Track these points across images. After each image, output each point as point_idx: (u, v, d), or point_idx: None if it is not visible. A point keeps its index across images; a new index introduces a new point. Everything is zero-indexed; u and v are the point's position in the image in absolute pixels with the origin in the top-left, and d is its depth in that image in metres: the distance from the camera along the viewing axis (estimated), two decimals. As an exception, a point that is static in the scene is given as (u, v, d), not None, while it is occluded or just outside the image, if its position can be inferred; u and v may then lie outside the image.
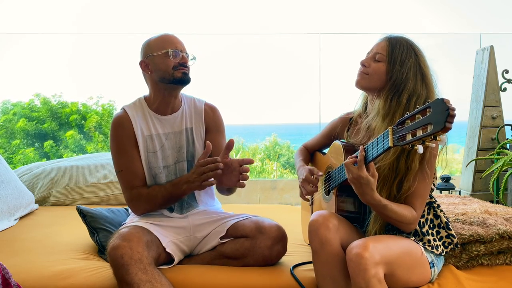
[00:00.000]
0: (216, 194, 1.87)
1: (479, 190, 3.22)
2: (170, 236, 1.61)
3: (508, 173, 2.81)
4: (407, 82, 1.40)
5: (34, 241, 1.92)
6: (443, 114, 1.00)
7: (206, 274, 1.53)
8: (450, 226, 1.49)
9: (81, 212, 1.85)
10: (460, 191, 3.33)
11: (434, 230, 1.48)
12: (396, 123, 1.16)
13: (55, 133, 6.79)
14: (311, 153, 1.85)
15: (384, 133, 1.20)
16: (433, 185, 1.48)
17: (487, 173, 2.91)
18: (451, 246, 1.48)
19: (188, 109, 1.72)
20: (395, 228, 1.44)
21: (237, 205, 2.84)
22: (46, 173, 2.75)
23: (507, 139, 3.10)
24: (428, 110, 1.05)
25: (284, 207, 2.69)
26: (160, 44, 1.62)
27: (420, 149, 1.08)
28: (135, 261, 1.39)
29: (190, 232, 1.67)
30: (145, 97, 1.71)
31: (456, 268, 1.55)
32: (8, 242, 1.91)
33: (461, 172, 3.54)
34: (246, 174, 1.50)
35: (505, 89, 3.22)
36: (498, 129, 3.16)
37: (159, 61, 1.61)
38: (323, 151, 1.80)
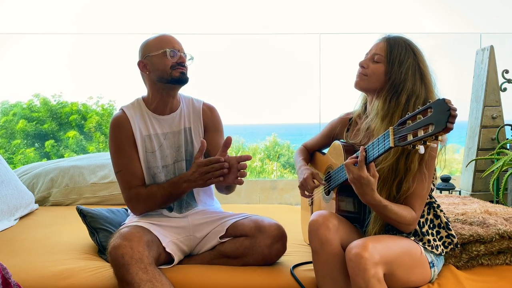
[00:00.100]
0: (215, 193, 1.87)
1: (479, 190, 3.22)
2: (170, 236, 1.61)
3: (508, 173, 2.81)
4: (406, 82, 1.40)
5: (34, 241, 1.92)
6: (444, 115, 1.00)
7: (206, 274, 1.53)
8: (450, 226, 1.49)
9: (81, 212, 1.85)
10: (460, 191, 3.33)
11: (434, 230, 1.48)
12: (397, 124, 1.15)
13: (55, 133, 6.78)
14: (311, 153, 1.85)
15: (385, 134, 1.20)
16: (433, 185, 1.48)
17: (487, 173, 2.91)
18: (451, 246, 1.48)
19: (186, 109, 1.73)
20: (395, 228, 1.44)
21: (237, 205, 2.84)
22: (46, 173, 2.75)
23: (507, 139, 3.10)
24: (429, 111, 1.05)
25: (284, 207, 2.69)
26: (158, 44, 1.63)
27: (422, 150, 1.08)
28: (135, 260, 1.39)
29: (190, 232, 1.67)
30: (143, 97, 1.72)
31: (456, 268, 1.55)
32: (8, 242, 1.91)
33: (461, 172, 3.54)
34: (244, 171, 1.50)
35: (505, 89, 3.22)
36: (498, 129, 3.16)
37: (157, 61, 1.61)
38: (323, 151, 1.80)
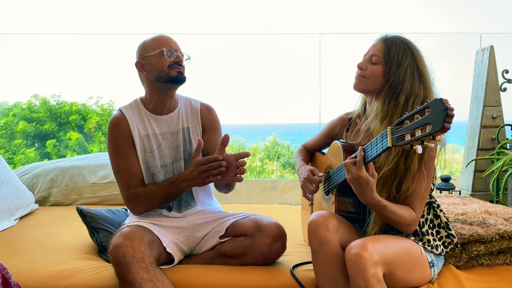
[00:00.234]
0: (215, 193, 1.87)
1: (479, 190, 3.22)
2: (170, 236, 1.61)
3: (508, 173, 2.81)
4: (404, 83, 1.40)
5: (34, 241, 1.92)
6: (441, 114, 1.00)
7: (206, 274, 1.53)
8: (450, 226, 1.49)
9: (81, 213, 1.85)
10: (460, 191, 3.33)
11: (434, 230, 1.48)
12: (395, 123, 1.15)
13: (55, 133, 6.78)
14: (310, 153, 1.85)
15: (383, 134, 1.20)
16: (433, 185, 1.48)
17: (487, 173, 2.91)
18: (451, 246, 1.47)
19: (184, 109, 1.74)
20: (395, 229, 1.44)
21: (237, 205, 2.84)
22: (46, 173, 2.75)
23: (507, 139, 3.10)
24: (427, 110, 1.05)
25: (284, 207, 2.69)
26: (155, 44, 1.65)
27: (419, 149, 1.08)
28: (137, 260, 1.39)
29: (190, 232, 1.68)
30: (141, 98, 1.73)
31: (456, 268, 1.55)
32: (8, 242, 1.91)
33: (461, 172, 3.54)
34: (243, 168, 1.51)
35: (505, 89, 3.22)
36: (498, 129, 3.15)
37: (154, 61, 1.63)
38: (323, 151, 1.80)
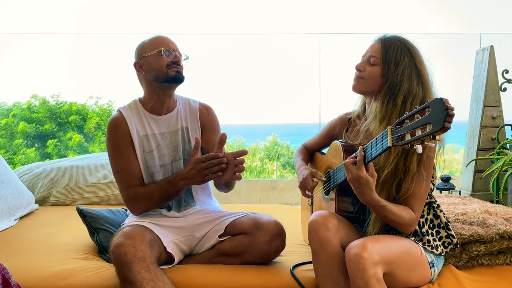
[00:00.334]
0: (214, 193, 1.87)
1: (479, 190, 3.22)
2: (170, 236, 1.62)
3: (508, 173, 2.81)
4: (402, 83, 1.40)
5: (34, 241, 1.92)
6: (442, 114, 1.00)
7: (206, 274, 1.53)
8: (450, 226, 1.49)
9: (81, 213, 1.85)
10: (460, 191, 3.33)
11: (434, 230, 1.47)
12: (395, 123, 1.15)
13: (55, 133, 6.78)
14: (310, 153, 1.85)
15: (383, 133, 1.20)
16: (433, 185, 1.48)
17: (487, 173, 2.91)
18: (451, 246, 1.47)
19: (183, 109, 1.74)
20: (394, 229, 1.44)
21: (237, 205, 2.84)
22: (46, 173, 2.75)
23: (507, 139, 3.10)
24: (427, 110, 1.05)
25: (284, 207, 2.69)
26: (153, 44, 1.66)
27: (419, 149, 1.08)
28: (138, 259, 1.39)
29: (189, 231, 1.68)
30: (140, 99, 1.74)
31: (456, 268, 1.55)
32: (8, 242, 1.91)
33: (461, 172, 3.54)
34: (242, 166, 1.51)
35: (505, 89, 3.22)
36: (498, 129, 3.15)
37: (153, 61, 1.64)
38: (322, 151, 1.80)
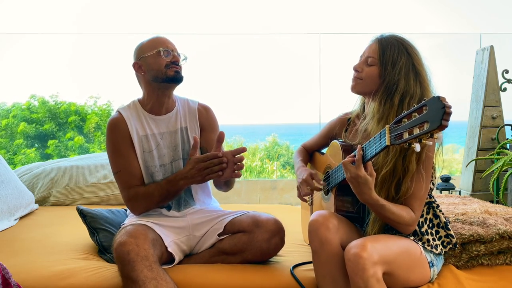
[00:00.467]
0: (214, 193, 1.87)
1: (479, 190, 3.22)
2: (171, 236, 1.62)
3: (508, 173, 2.81)
4: (399, 82, 1.40)
5: (34, 241, 1.92)
6: (439, 112, 1.00)
7: (206, 274, 1.53)
8: (449, 226, 1.49)
9: (81, 213, 1.85)
10: (460, 191, 3.33)
11: (433, 229, 1.47)
12: (393, 122, 1.16)
13: (55, 133, 6.78)
14: (310, 153, 1.85)
15: (381, 132, 1.20)
16: (432, 185, 1.48)
17: (487, 173, 2.91)
18: (450, 246, 1.47)
19: (182, 109, 1.75)
20: (394, 229, 1.43)
21: (237, 205, 2.84)
22: (46, 173, 2.75)
23: (507, 139, 3.10)
24: (424, 108, 1.05)
25: (284, 207, 2.69)
26: (152, 44, 1.67)
27: (417, 147, 1.08)
28: (141, 258, 1.40)
29: (190, 231, 1.68)
30: (139, 99, 1.75)
31: (456, 268, 1.55)
32: (8, 242, 1.91)
33: (461, 172, 3.54)
34: (241, 164, 1.52)
35: (505, 89, 3.22)
36: (498, 129, 3.15)
37: (152, 61, 1.64)
38: (322, 151, 1.80)
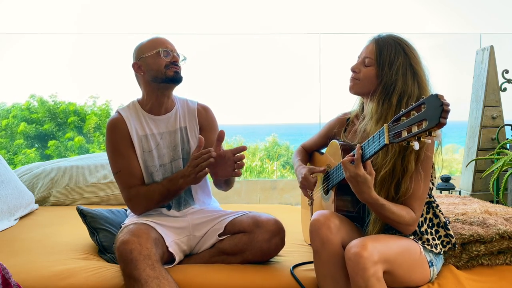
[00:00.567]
0: (215, 193, 1.87)
1: (479, 190, 3.22)
2: (172, 236, 1.62)
3: (508, 173, 2.81)
4: (397, 82, 1.40)
5: (34, 241, 1.92)
6: (437, 110, 1.01)
7: (206, 274, 1.53)
8: (449, 227, 1.49)
9: (81, 212, 1.85)
10: (460, 191, 3.33)
11: (433, 229, 1.47)
12: (391, 120, 1.16)
13: (55, 133, 6.78)
14: (309, 153, 1.86)
15: (380, 131, 1.21)
16: (432, 185, 1.48)
17: (487, 173, 2.91)
18: (449, 246, 1.47)
19: (181, 109, 1.76)
20: (394, 229, 1.43)
21: (237, 205, 2.84)
22: (46, 173, 2.75)
23: (507, 139, 3.10)
24: (422, 107, 1.06)
25: (284, 207, 2.69)
26: (151, 45, 1.67)
27: (416, 146, 1.08)
28: (144, 256, 1.40)
29: (190, 231, 1.68)
30: (138, 100, 1.75)
31: (456, 268, 1.55)
32: (8, 242, 1.91)
33: (461, 172, 3.54)
34: (241, 162, 1.52)
35: (505, 89, 3.22)
36: (498, 129, 3.16)
37: (151, 61, 1.65)
38: (321, 151, 1.80)
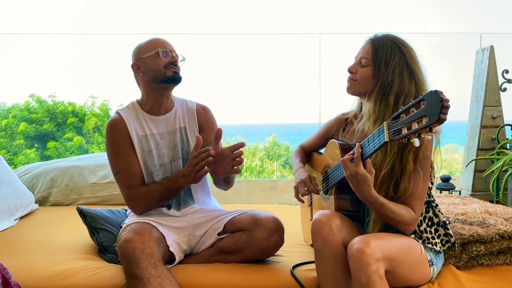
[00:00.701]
0: (215, 193, 1.88)
1: (479, 190, 3.22)
2: (173, 236, 1.63)
3: (508, 173, 2.81)
4: (393, 82, 1.40)
5: (34, 241, 1.92)
6: (437, 106, 1.01)
7: (206, 274, 1.53)
8: (448, 226, 1.49)
9: (82, 212, 1.85)
10: (460, 191, 3.33)
11: (432, 228, 1.48)
12: (391, 118, 1.16)
13: (55, 133, 6.77)
14: (307, 153, 1.86)
15: (379, 129, 1.20)
16: (431, 184, 1.48)
17: (487, 173, 2.91)
18: (449, 245, 1.48)
19: (180, 109, 1.76)
20: (394, 228, 1.44)
21: (237, 205, 2.84)
22: (46, 173, 2.75)
23: (507, 139, 3.10)
24: (422, 103, 1.06)
25: (284, 207, 2.69)
26: (151, 45, 1.68)
27: (417, 142, 1.08)
28: (146, 255, 1.41)
29: (190, 231, 1.68)
30: (138, 100, 1.75)
31: (456, 268, 1.55)
32: (8, 242, 1.91)
33: (461, 172, 3.54)
34: (240, 159, 1.52)
35: (505, 89, 3.22)
36: (498, 129, 3.16)
37: (150, 62, 1.65)
38: (319, 151, 1.80)
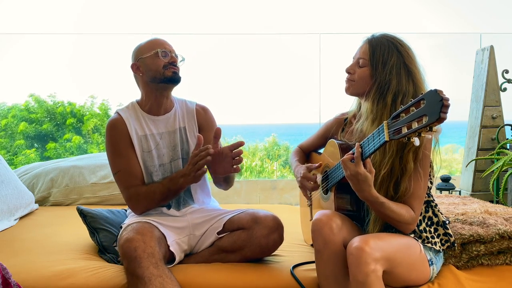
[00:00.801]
0: (215, 193, 1.88)
1: (479, 190, 3.22)
2: (173, 235, 1.63)
3: (508, 173, 2.81)
4: (391, 82, 1.40)
5: (34, 241, 1.92)
6: (437, 105, 1.01)
7: (206, 274, 1.53)
8: (448, 226, 1.49)
9: (82, 213, 1.85)
10: (460, 191, 3.33)
11: (431, 227, 1.48)
12: (390, 117, 1.16)
13: (54, 133, 6.77)
14: (306, 153, 1.86)
15: (379, 128, 1.20)
16: (431, 184, 1.48)
17: (487, 173, 2.91)
18: (448, 244, 1.48)
19: (180, 109, 1.76)
20: (394, 227, 1.44)
21: (237, 205, 2.84)
22: (46, 173, 2.75)
23: (507, 139, 3.10)
24: (422, 102, 1.06)
25: (284, 207, 2.69)
26: (150, 46, 1.68)
27: (417, 142, 1.08)
28: (147, 255, 1.41)
29: (190, 231, 1.69)
30: (137, 100, 1.76)
31: (456, 268, 1.55)
32: (8, 242, 1.91)
33: (461, 172, 3.54)
34: (239, 158, 1.53)
35: (505, 89, 3.22)
36: (498, 129, 3.16)
37: (150, 62, 1.66)
38: (319, 151, 1.81)
